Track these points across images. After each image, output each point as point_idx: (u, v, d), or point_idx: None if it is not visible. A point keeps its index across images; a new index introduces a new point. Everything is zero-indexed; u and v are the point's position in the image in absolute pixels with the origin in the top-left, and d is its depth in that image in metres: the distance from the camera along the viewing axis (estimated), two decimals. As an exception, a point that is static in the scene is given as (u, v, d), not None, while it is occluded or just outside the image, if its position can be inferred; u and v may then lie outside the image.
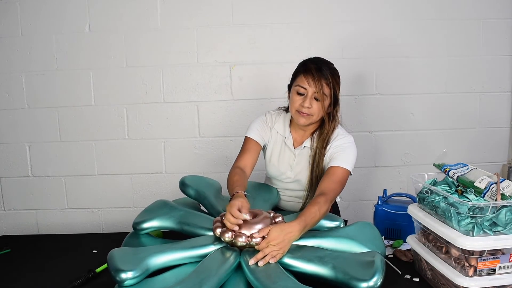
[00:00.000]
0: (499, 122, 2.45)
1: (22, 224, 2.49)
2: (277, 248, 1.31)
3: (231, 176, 1.65)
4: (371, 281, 1.18)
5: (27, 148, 2.44)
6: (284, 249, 1.33)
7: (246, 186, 1.62)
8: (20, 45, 2.35)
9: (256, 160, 1.78)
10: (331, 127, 1.70)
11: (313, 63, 1.65)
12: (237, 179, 1.61)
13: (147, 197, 2.47)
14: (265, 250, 1.31)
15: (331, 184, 1.58)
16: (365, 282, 1.18)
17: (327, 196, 1.52)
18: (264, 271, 1.25)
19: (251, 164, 1.75)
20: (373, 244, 1.41)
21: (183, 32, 2.35)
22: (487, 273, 1.24)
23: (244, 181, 1.64)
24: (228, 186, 1.63)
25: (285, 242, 1.33)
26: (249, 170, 1.73)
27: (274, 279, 1.20)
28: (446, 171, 1.43)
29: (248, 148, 1.77)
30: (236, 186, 1.56)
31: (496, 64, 2.40)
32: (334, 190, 1.57)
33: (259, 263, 1.28)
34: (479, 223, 1.22)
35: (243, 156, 1.75)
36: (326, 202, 1.50)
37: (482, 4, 2.35)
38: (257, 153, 1.78)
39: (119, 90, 2.39)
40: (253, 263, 1.28)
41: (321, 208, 1.47)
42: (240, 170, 1.69)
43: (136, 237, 1.53)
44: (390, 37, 2.36)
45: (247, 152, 1.75)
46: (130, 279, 1.20)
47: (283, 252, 1.32)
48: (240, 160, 1.74)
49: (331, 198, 1.54)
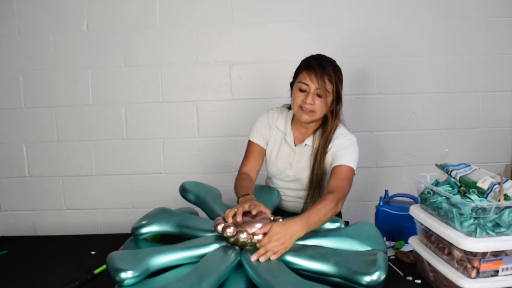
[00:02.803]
0: (502, 121, 2.45)
1: (19, 225, 2.49)
2: (278, 244, 1.29)
3: (240, 181, 1.69)
4: (374, 274, 1.18)
5: (24, 148, 2.43)
6: (286, 244, 1.31)
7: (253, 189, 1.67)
8: (18, 44, 2.34)
9: (261, 163, 1.82)
10: (334, 124, 1.70)
11: (315, 60, 1.66)
12: (245, 184, 1.66)
13: (145, 198, 2.46)
14: (267, 246, 1.29)
15: (338, 182, 1.57)
16: (368, 275, 1.18)
17: (334, 194, 1.51)
18: (265, 267, 1.24)
19: (257, 169, 1.80)
20: (374, 243, 1.40)
21: (182, 31, 2.34)
22: (490, 275, 1.23)
23: (252, 187, 1.68)
24: (236, 191, 1.67)
25: (286, 237, 1.32)
26: (254, 175, 1.78)
27: (275, 274, 1.20)
28: (448, 171, 1.42)
29: (252, 152, 1.80)
30: (247, 190, 1.61)
31: (499, 63, 2.39)
32: (342, 187, 1.56)
33: (260, 259, 1.27)
34: (482, 224, 1.21)
35: (248, 162, 1.79)
36: (333, 199, 1.48)
37: (484, 2, 2.34)
38: (262, 156, 1.82)
39: (117, 89, 2.39)
40: (255, 259, 1.27)
41: (327, 205, 1.44)
42: (246, 175, 1.74)
43: (135, 242, 1.52)
44: (391, 36, 2.35)
45: (251, 157, 1.80)
46: (129, 279, 1.19)
47: (285, 248, 1.31)
48: (245, 166, 1.79)
49: (340, 196, 1.52)
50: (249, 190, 1.61)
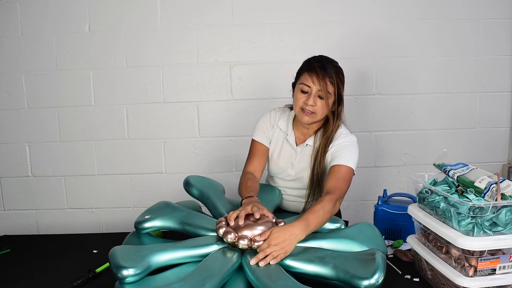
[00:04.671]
0: (499, 122, 2.45)
1: (22, 224, 2.49)
2: (278, 249, 1.30)
3: (244, 181, 1.69)
4: (372, 278, 1.18)
5: (27, 148, 2.43)
6: (286, 249, 1.32)
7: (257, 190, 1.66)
8: (20, 45, 2.35)
9: (265, 162, 1.82)
10: (335, 126, 1.70)
11: (317, 61, 1.66)
12: (250, 184, 1.66)
13: (147, 197, 2.47)
14: (266, 250, 1.30)
15: (336, 182, 1.58)
16: (367, 280, 1.18)
17: (331, 194, 1.51)
18: (265, 271, 1.25)
19: (261, 168, 1.80)
20: (373, 243, 1.41)
21: (183, 32, 2.35)
22: (487, 273, 1.24)
23: (257, 187, 1.68)
24: (240, 191, 1.66)
25: (286, 242, 1.32)
26: (259, 175, 1.78)
27: (274, 279, 1.20)
28: (446, 171, 1.43)
29: (255, 152, 1.80)
30: (251, 191, 1.60)
31: (496, 64, 2.40)
32: (340, 188, 1.56)
33: (260, 263, 1.28)
34: (479, 223, 1.22)
35: (252, 161, 1.79)
36: (331, 200, 1.48)
37: (482, 4, 2.35)
38: (265, 155, 1.82)
39: (119, 90, 2.39)
40: (254, 263, 1.28)
41: (324, 206, 1.45)
42: (251, 175, 1.73)
43: (137, 236, 1.53)
44: (390, 37, 2.36)
45: (256, 156, 1.80)
46: (131, 276, 1.20)
47: (285, 253, 1.32)
48: (250, 165, 1.78)
49: (337, 196, 1.52)
50: (253, 191, 1.60)
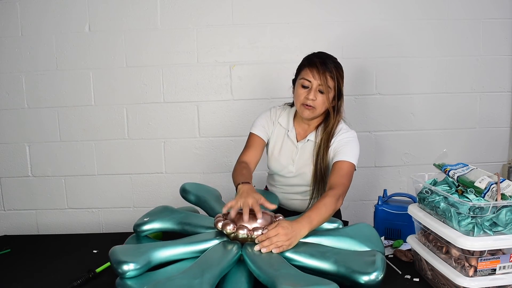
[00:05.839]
0: (499, 122, 2.46)
1: (22, 224, 2.49)
2: (284, 239, 1.31)
3: (239, 169, 1.68)
4: (372, 274, 1.20)
5: (27, 148, 2.44)
6: (290, 241, 1.32)
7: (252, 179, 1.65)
8: (20, 45, 2.35)
9: (260, 155, 1.81)
10: (336, 120, 1.72)
11: (317, 57, 1.68)
12: (245, 172, 1.65)
13: (147, 197, 2.47)
14: (272, 238, 1.31)
15: (339, 178, 1.59)
16: (367, 275, 1.20)
17: (334, 190, 1.53)
18: (266, 260, 1.26)
19: (256, 159, 1.78)
20: (372, 243, 1.41)
21: (183, 32, 2.35)
22: (487, 273, 1.24)
23: (251, 174, 1.67)
24: (234, 177, 1.65)
25: (292, 235, 1.33)
26: (253, 166, 1.76)
27: (277, 267, 1.21)
28: (446, 171, 1.43)
29: (252, 143, 1.80)
30: (246, 178, 1.60)
31: (496, 64, 2.40)
32: (342, 184, 1.58)
33: (262, 249, 1.29)
34: (479, 223, 1.22)
35: (247, 151, 1.78)
36: (333, 195, 1.50)
37: (482, 4, 2.35)
38: (262, 148, 1.81)
39: (119, 90, 2.39)
40: (258, 249, 1.29)
41: (327, 203, 1.46)
42: (245, 164, 1.73)
43: (137, 239, 1.53)
44: (389, 37, 2.36)
45: (252, 148, 1.79)
46: (132, 271, 1.21)
47: (289, 245, 1.32)
48: (245, 155, 1.77)
49: (340, 192, 1.54)
50: (248, 178, 1.60)
